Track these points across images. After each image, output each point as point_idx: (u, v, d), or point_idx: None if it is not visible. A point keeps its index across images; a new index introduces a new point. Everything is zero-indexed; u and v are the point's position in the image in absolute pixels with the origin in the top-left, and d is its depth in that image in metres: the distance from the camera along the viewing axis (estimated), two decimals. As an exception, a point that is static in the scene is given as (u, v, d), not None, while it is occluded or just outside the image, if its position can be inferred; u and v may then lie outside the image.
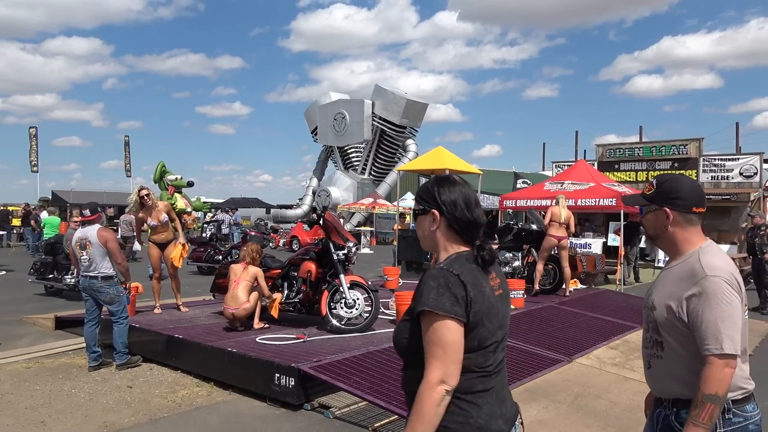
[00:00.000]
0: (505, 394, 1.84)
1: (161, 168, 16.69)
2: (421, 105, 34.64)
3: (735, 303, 1.87)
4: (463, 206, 1.78)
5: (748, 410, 1.96)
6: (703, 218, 2.02)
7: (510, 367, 5.41)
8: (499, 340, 1.77)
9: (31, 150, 40.07)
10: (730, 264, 1.95)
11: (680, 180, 2.04)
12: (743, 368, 1.95)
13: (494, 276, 1.80)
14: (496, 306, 1.74)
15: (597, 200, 12.72)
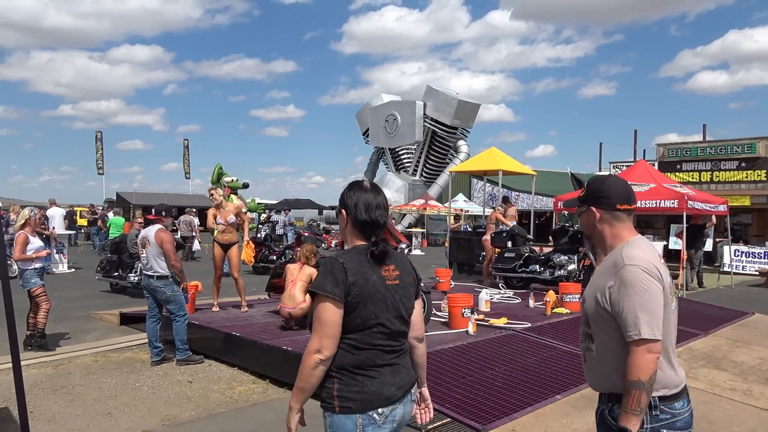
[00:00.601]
0: (403, 368, 2.18)
1: (218, 170, 17.19)
2: (472, 105, 34.34)
3: (653, 290, 1.92)
4: (362, 209, 2.13)
5: (677, 407, 2.00)
6: (632, 214, 2.12)
7: (566, 373, 5.32)
8: (386, 322, 2.07)
9: (97, 153, 42.10)
10: (651, 255, 2.01)
11: (606, 180, 2.18)
12: (672, 365, 2.00)
13: (392, 268, 2.15)
14: (382, 293, 2.07)
15: (658, 202, 12.26)
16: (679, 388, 2.01)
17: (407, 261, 2.30)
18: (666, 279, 2.00)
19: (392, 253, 2.20)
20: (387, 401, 2.08)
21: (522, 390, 4.84)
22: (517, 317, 7.34)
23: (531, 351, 6.02)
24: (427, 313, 6.43)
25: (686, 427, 2.01)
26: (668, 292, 1.99)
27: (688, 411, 2.03)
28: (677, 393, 2.01)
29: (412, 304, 2.22)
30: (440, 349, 5.67)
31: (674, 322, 2.07)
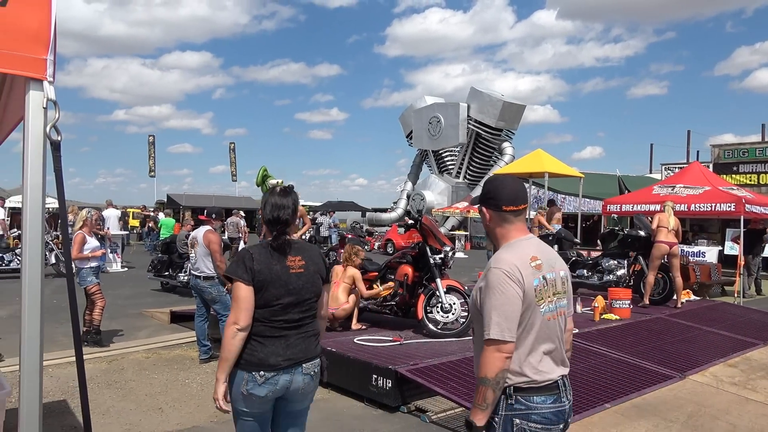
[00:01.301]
0: (298, 343, 2.60)
1: (263, 172, 17.51)
2: (517, 107, 33.87)
3: (509, 293, 2.01)
4: (268, 209, 2.65)
5: (534, 401, 2.06)
6: (520, 215, 2.19)
7: (616, 382, 5.17)
8: (287, 304, 2.57)
9: (150, 157, 43.56)
10: (519, 258, 2.08)
11: (495, 181, 2.27)
12: (536, 362, 2.07)
13: (298, 259, 2.64)
14: (284, 279, 2.57)
15: (713, 205, 11.77)
16: (539, 384, 2.07)
17: (316, 254, 2.77)
18: (533, 282, 2.05)
19: (299, 247, 2.71)
20: (269, 368, 2.53)
21: (569, 397, 4.73)
22: (564, 323, 7.18)
23: (578, 357, 5.87)
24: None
25: (545, 423, 2.05)
26: (534, 294, 2.05)
27: (550, 409, 2.07)
28: (537, 387, 2.07)
29: (317, 290, 2.70)
30: (485, 354, 5.60)
31: (552, 323, 2.12)
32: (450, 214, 30.23)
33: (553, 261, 2.22)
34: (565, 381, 2.18)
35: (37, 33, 1.47)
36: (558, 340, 2.16)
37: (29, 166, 1.47)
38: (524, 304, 2.04)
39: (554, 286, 2.15)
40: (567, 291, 2.24)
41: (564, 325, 2.22)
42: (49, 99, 1.49)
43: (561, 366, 2.17)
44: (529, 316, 2.06)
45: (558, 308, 2.16)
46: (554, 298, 2.14)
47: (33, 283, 1.46)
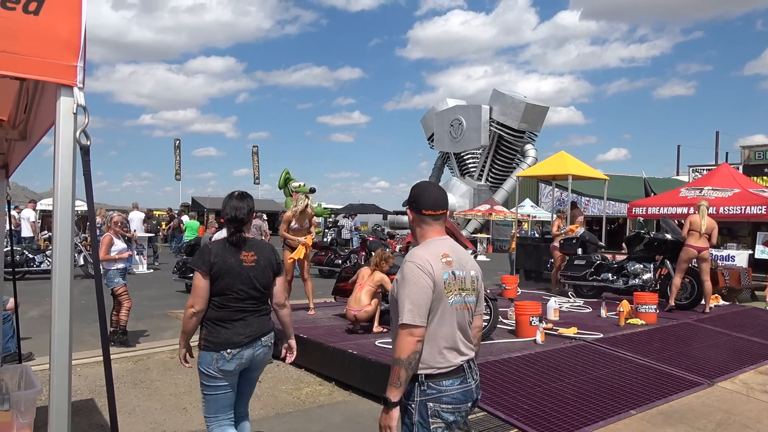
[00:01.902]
0: (255, 322, 3.14)
1: (285, 175, 17.65)
2: (540, 108, 33.57)
3: (421, 283, 2.26)
4: (227, 210, 3.15)
5: (444, 384, 2.31)
6: (439, 219, 2.44)
7: (642, 388, 5.08)
8: (239, 291, 3.07)
9: (175, 160, 44.22)
10: (431, 254, 2.34)
11: (419, 186, 2.51)
12: (442, 350, 2.30)
13: (251, 254, 3.13)
14: (237, 270, 3.07)
15: (743, 208, 11.52)
16: (447, 369, 2.32)
17: (268, 250, 3.28)
18: (442, 275, 2.30)
19: (252, 243, 3.21)
20: (234, 345, 3.06)
21: (594, 403, 4.67)
22: (588, 327, 7.09)
23: (603, 363, 5.79)
24: (494, 320, 6.33)
25: (454, 402, 2.33)
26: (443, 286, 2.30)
27: (458, 390, 2.34)
28: (445, 372, 2.31)
29: (267, 280, 3.20)
30: (507, 358, 5.56)
31: (459, 313, 2.37)
32: (472, 216, 30.08)
33: (464, 261, 2.46)
34: (471, 364, 2.43)
35: (68, 40, 1.51)
36: (465, 329, 2.41)
37: (59, 170, 1.51)
38: (434, 293, 2.30)
39: (463, 282, 2.41)
40: (477, 290, 2.49)
41: (471, 317, 2.46)
42: (78, 104, 1.53)
43: (467, 350, 2.42)
44: (438, 305, 2.32)
45: (465, 302, 2.42)
46: (462, 292, 2.40)
47: (62, 283, 1.50)
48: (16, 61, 1.50)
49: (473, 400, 2.41)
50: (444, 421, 2.31)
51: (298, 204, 7.88)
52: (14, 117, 2.78)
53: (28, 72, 1.52)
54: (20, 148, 3.13)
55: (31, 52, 1.50)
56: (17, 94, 2.53)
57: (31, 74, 1.53)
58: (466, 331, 2.42)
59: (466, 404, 2.37)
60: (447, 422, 2.32)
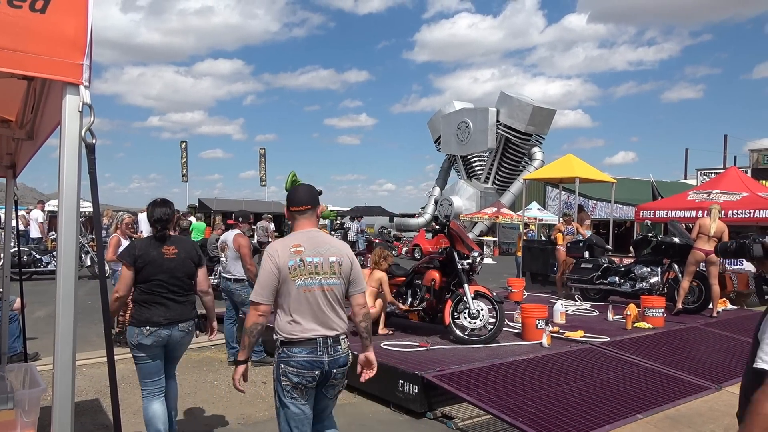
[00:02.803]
0: (176, 308, 3.72)
1: (292, 177, 17.64)
2: (548, 111, 33.49)
3: (266, 267, 2.82)
4: (153, 215, 3.78)
5: (294, 351, 2.81)
6: (304, 214, 2.97)
7: (649, 392, 5.04)
8: (161, 279, 3.66)
9: (182, 162, 44.38)
10: (282, 244, 2.89)
11: (292, 190, 3.03)
12: (293, 322, 2.80)
13: (172, 248, 3.73)
14: (159, 261, 3.66)
15: (751, 212, 11.44)
16: (296, 339, 2.80)
17: (189, 245, 3.97)
18: (287, 262, 2.79)
19: (174, 239, 3.84)
20: (152, 324, 3.62)
21: (600, 407, 4.63)
22: (595, 331, 7.05)
23: (610, 366, 5.75)
24: (499, 323, 6.30)
25: (299, 367, 2.80)
26: (288, 271, 2.79)
27: (305, 357, 2.80)
28: (295, 341, 2.81)
29: (187, 271, 3.79)
30: (513, 361, 5.53)
31: (309, 294, 2.82)
32: (478, 219, 30.00)
33: (324, 250, 2.90)
34: (327, 340, 2.84)
35: (74, 39, 1.51)
36: (318, 308, 2.83)
37: (65, 169, 1.51)
38: (280, 278, 2.80)
39: (317, 267, 2.85)
40: (340, 273, 2.91)
41: (332, 297, 2.88)
42: (84, 103, 1.53)
43: (323, 328, 2.84)
44: (286, 287, 2.81)
45: (322, 284, 2.85)
46: (316, 276, 2.84)
47: (67, 283, 1.50)
48: (23, 59, 1.50)
49: (323, 370, 2.83)
50: (290, 381, 2.82)
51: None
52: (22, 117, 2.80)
53: (35, 70, 1.52)
54: (27, 148, 3.15)
55: (37, 50, 1.50)
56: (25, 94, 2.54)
57: (37, 72, 1.53)
58: (324, 309, 2.85)
59: (312, 371, 2.81)
60: (293, 382, 2.81)
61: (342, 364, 2.92)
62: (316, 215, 3.02)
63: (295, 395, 2.83)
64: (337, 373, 2.91)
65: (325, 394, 2.98)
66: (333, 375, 2.89)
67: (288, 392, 2.83)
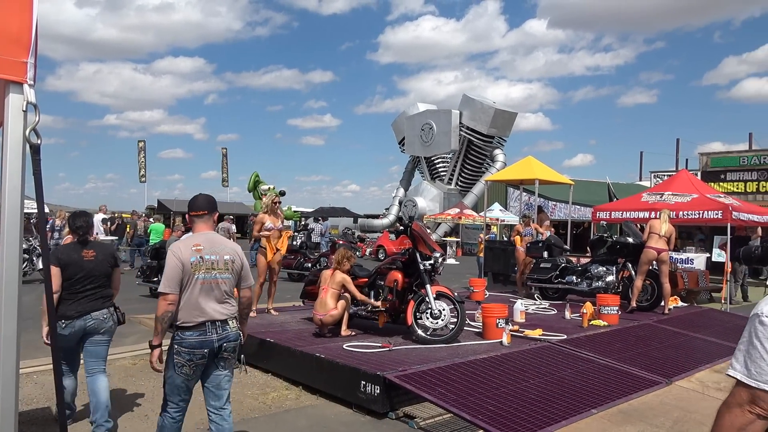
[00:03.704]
0: (88, 302, 4.30)
1: (255, 178, 17.50)
2: (509, 114, 34.07)
3: (171, 263, 3.31)
4: (76, 224, 4.40)
5: (186, 335, 3.34)
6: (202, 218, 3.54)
7: (603, 387, 5.19)
8: (80, 277, 4.26)
9: (140, 162, 43.33)
10: (185, 244, 3.43)
11: (193, 198, 3.60)
12: (189, 310, 3.32)
13: (91, 252, 4.36)
14: (80, 264, 4.27)
15: (701, 213, 11.88)
16: (189, 324, 3.33)
17: (107, 249, 4.68)
18: (189, 258, 3.32)
19: (94, 244, 4.50)
20: (66, 318, 4.21)
21: (557, 403, 4.74)
22: (553, 329, 7.21)
23: (566, 363, 5.90)
24: (460, 323, 6.38)
25: (189, 347, 3.34)
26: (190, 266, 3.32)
27: (195, 339, 3.34)
28: (188, 327, 3.34)
29: (104, 271, 4.41)
30: (473, 360, 5.61)
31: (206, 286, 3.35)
32: (442, 220, 30.28)
33: (219, 249, 3.45)
34: (216, 323, 3.37)
35: (17, 36, 1.46)
36: (213, 297, 3.37)
37: (8, 170, 1.46)
38: (183, 272, 3.30)
39: (213, 264, 3.38)
40: (231, 269, 3.45)
41: (224, 289, 3.42)
42: (29, 102, 1.48)
43: (214, 314, 3.37)
44: (188, 279, 3.32)
45: (216, 278, 3.39)
46: (212, 271, 3.37)
47: (10, 286, 1.45)
48: (-37, 56, 1.45)
49: (212, 348, 3.37)
50: (182, 359, 3.35)
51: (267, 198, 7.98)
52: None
53: (-24, 68, 1.47)
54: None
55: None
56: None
57: (-23, 70, 1.48)
58: (217, 298, 3.39)
59: (201, 350, 3.35)
60: (184, 360, 3.35)
61: (232, 340, 3.47)
62: (212, 220, 3.58)
63: (185, 371, 3.38)
64: (227, 347, 3.45)
65: (218, 365, 3.50)
66: (223, 349, 3.43)
67: (179, 368, 3.38)
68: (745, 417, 1.50)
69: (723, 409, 1.56)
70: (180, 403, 3.52)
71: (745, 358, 1.54)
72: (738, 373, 1.55)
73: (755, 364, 1.50)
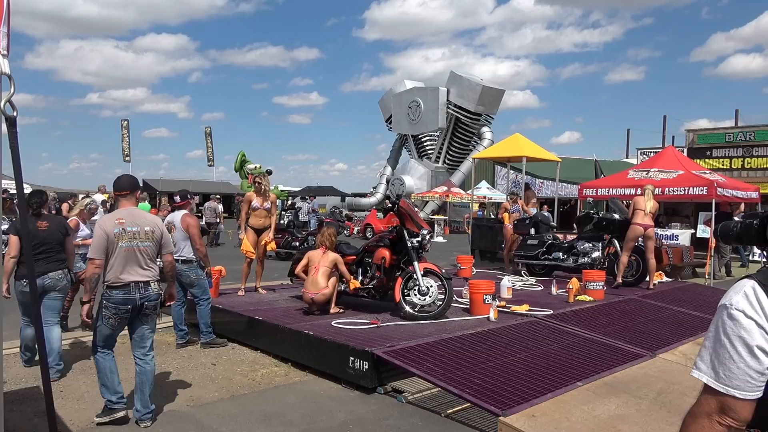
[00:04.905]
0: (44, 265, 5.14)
1: (241, 157, 17.31)
2: (497, 91, 33.95)
3: (98, 234, 3.99)
4: (33, 200, 5.33)
5: (113, 293, 4.01)
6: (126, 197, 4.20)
7: (589, 360, 5.28)
8: (36, 244, 5.02)
9: (123, 141, 42.75)
10: (110, 218, 4.12)
11: (117, 177, 4.26)
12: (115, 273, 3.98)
13: (45, 222, 5.27)
14: (34, 233, 5.06)
15: (686, 189, 11.99)
16: (116, 283, 3.99)
17: (58, 220, 5.59)
18: (113, 230, 3.97)
19: (46, 216, 5.43)
20: (26, 277, 4.82)
21: (542, 376, 4.82)
22: (539, 304, 7.29)
23: (552, 338, 5.98)
24: (448, 299, 6.42)
25: (116, 303, 4.01)
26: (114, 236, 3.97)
27: (120, 297, 4.01)
28: (115, 286, 4.00)
29: (56, 239, 5.26)
30: (461, 335, 5.67)
31: (129, 253, 4.02)
32: (429, 198, 30.32)
33: (140, 222, 4.09)
34: (139, 284, 4.03)
35: (-11, 6, 1.42)
36: (136, 261, 4.02)
37: (-16, 143, 1.43)
38: (108, 241, 3.94)
39: (135, 234, 4.02)
40: (152, 238, 4.11)
41: (146, 255, 4.08)
42: (3, 73, 1.44)
43: (137, 276, 4.02)
44: (113, 248, 3.96)
45: (139, 246, 4.04)
46: (134, 240, 4.01)
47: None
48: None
49: (135, 305, 4.03)
50: (109, 312, 4.01)
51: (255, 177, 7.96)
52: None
53: (-54, 39, 1.42)
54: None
55: (-52, 17, 1.40)
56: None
57: (-51, 41, 1.43)
58: (139, 263, 4.03)
59: (126, 306, 4.01)
60: (111, 313, 4.00)
61: (153, 299, 4.13)
62: (135, 197, 4.24)
63: (112, 322, 4.05)
64: (148, 305, 4.11)
65: (141, 321, 4.16)
66: (145, 306, 4.09)
67: (107, 319, 4.04)
68: (714, 429, 1.28)
69: (688, 419, 1.34)
70: (106, 347, 4.17)
71: (712, 357, 1.30)
72: (704, 375, 1.31)
73: (723, 366, 1.27)
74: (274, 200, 8.05)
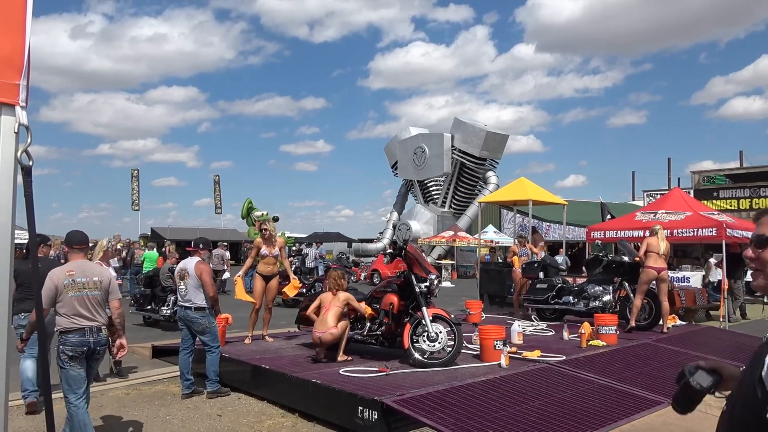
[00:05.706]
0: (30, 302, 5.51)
1: (248, 204, 17.46)
2: (501, 136, 34.31)
3: (48, 285, 4.24)
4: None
5: (69, 336, 4.26)
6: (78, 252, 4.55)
7: (605, 408, 5.12)
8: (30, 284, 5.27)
9: (133, 190, 43.27)
10: (61, 270, 4.42)
11: (71, 232, 4.62)
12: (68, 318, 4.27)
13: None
14: (27, 273, 5.09)
15: (695, 230, 11.92)
16: (70, 328, 4.26)
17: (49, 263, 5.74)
18: (63, 281, 4.27)
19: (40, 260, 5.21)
20: (25, 311, 5.41)
21: (558, 425, 4.67)
22: (551, 350, 7.14)
23: (566, 385, 5.83)
24: (458, 346, 6.31)
25: (72, 345, 4.25)
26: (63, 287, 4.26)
27: (76, 340, 4.26)
28: (70, 330, 4.26)
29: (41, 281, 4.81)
30: (472, 383, 5.53)
31: (79, 301, 4.30)
32: (436, 243, 30.22)
33: (89, 273, 4.42)
34: (92, 328, 4.31)
35: (10, 58, 1.45)
36: (86, 309, 4.31)
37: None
38: (57, 291, 4.25)
39: (84, 285, 4.33)
40: (99, 287, 4.40)
41: (95, 302, 4.38)
42: (21, 124, 1.47)
43: (88, 321, 4.31)
44: (62, 297, 4.26)
45: (88, 295, 4.34)
46: (83, 290, 4.32)
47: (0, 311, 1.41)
48: (-45, 79, 1.43)
49: (89, 347, 4.30)
50: (67, 355, 4.25)
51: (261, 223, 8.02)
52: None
53: (-33, 91, 1.45)
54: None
55: (-30, 70, 1.43)
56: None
57: (-31, 93, 1.46)
58: (89, 309, 4.33)
59: (81, 348, 4.27)
60: (68, 355, 4.24)
61: (103, 344, 4.44)
62: (84, 252, 4.59)
63: (72, 363, 4.28)
64: (99, 350, 4.42)
65: (92, 365, 4.45)
66: (96, 351, 4.39)
67: (66, 362, 4.27)
68: None
69: None
70: (77, 392, 4.29)
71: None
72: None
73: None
74: (282, 245, 8.06)
